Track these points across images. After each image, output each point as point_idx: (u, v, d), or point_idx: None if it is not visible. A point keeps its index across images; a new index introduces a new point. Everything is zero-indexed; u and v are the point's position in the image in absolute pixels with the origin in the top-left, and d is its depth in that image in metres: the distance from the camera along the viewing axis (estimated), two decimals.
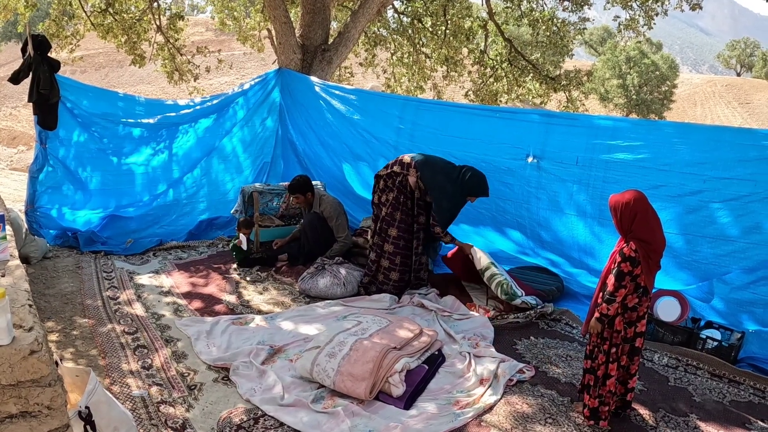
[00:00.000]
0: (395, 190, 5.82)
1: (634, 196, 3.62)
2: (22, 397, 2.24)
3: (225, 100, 8.04)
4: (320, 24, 9.07)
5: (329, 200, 6.81)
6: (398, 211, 5.82)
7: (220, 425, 3.64)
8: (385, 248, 5.92)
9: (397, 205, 5.82)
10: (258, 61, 46.06)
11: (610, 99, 46.69)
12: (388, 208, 5.86)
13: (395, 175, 5.85)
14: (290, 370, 4.30)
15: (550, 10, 13.08)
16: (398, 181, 5.81)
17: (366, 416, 3.77)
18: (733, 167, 5.00)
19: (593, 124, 5.80)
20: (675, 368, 4.77)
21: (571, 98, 14.05)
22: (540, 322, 5.54)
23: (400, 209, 5.82)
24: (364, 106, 7.42)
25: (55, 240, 6.98)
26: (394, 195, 5.83)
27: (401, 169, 5.81)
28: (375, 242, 6.01)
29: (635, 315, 3.70)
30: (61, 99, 6.73)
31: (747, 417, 4.09)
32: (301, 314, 5.43)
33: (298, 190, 6.78)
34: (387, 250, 5.91)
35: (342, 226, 6.75)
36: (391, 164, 5.93)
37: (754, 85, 59.22)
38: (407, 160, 5.81)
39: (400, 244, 5.87)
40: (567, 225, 6.05)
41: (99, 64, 46.55)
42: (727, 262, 5.19)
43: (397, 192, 5.81)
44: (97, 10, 12.39)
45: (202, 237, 7.71)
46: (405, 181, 5.78)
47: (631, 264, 3.56)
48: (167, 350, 4.59)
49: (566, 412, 4.00)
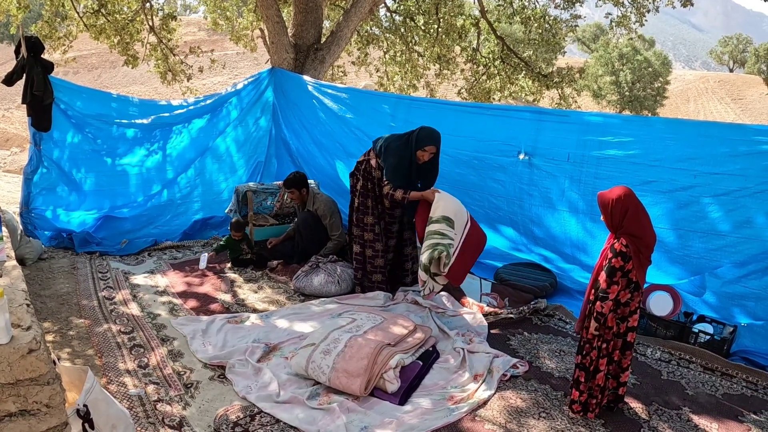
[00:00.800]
0: (361, 178, 5.88)
1: (623, 192, 3.65)
2: (21, 396, 2.26)
3: (218, 100, 8.05)
4: (313, 23, 9.09)
5: (323, 198, 6.84)
6: (368, 198, 5.87)
7: (217, 422, 3.66)
8: (365, 237, 5.94)
9: (366, 193, 5.86)
10: (251, 61, 46.09)
11: (603, 96, 46.82)
12: (359, 197, 5.92)
13: (359, 163, 5.93)
14: (286, 368, 4.32)
15: (542, 7, 13.13)
16: (363, 168, 5.88)
17: (361, 412, 3.80)
18: (723, 162, 5.04)
19: (584, 121, 5.83)
20: (668, 362, 4.81)
21: (563, 95, 14.10)
22: (533, 317, 5.58)
23: (369, 196, 5.86)
24: (356, 104, 7.45)
25: (50, 241, 6.99)
26: (361, 183, 5.89)
27: (364, 156, 5.90)
28: (356, 234, 6.03)
29: (627, 310, 3.73)
30: (54, 100, 6.73)
31: (739, 409, 4.13)
32: (296, 312, 5.46)
33: (294, 185, 6.78)
34: (367, 239, 5.94)
35: (336, 225, 6.77)
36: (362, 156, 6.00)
37: (747, 81, 59.48)
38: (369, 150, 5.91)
39: (376, 230, 5.90)
40: (559, 221, 6.09)
41: (92, 65, 46.49)
42: (718, 256, 5.24)
43: (363, 179, 5.87)
44: (89, 11, 12.41)
45: (196, 237, 7.73)
46: (368, 167, 5.84)
47: (622, 259, 3.59)
48: (163, 349, 4.61)
49: (560, 406, 4.04)
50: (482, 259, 6.81)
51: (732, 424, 3.95)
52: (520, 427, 3.80)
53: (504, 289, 6.09)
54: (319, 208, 6.76)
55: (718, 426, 3.92)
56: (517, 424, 3.82)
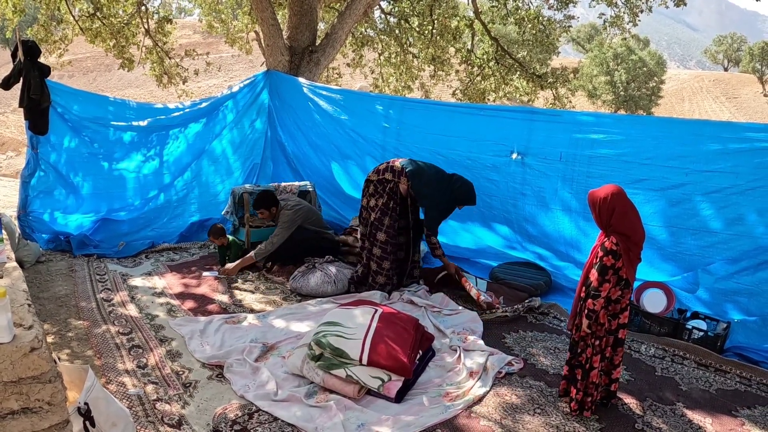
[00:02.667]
0: (385, 196, 5.88)
1: (611, 191, 3.70)
2: (23, 394, 2.29)
3: (214, 103, 8.08)
4: (307, 26, 9.13)
5: (286, 213, 6.69)
6: (387, 217, 5.88)
7: (216, 421, 3.70)
8: (374, 251, 5.99)
9: (386, 211, 5.88)
10: (246, 63, 46.13)
11: (598, 96, 46.90)
12: (377, 213, 5.92)
13: (386, 181, 5.89)
14: (283, 367, 4.36)
15: (536, 8, 13.19)
16: (389, 187, 5.87)
17: (358, 410, 3.85)
18: (715, 160, 5.11)
19: (576, 120, 5.90)
20: (662, 358, 4.86)
21: (558, 95, 14.16)
22: (528, 315, 5.63)
23: (389, 215, 5.88)
24: (350, 106, 7.50)
25: (47, 244, 7.00)
26: (384, 201, 5.88)
27: (393, 176, 5.87)
28: (365, 246, 6.07)
29: (618, 307, 3.79)
30: (51, 104, 6.76)
31: (733, 405, 4.19)
32: (292, 312, 5.50)
33: (263, 205, 6.72)
34: (375, 254, 5.98)
35: (279, 235, 6.60)
36: (382, 169, 5.95)
37: (742, 79, 59.66)
38: (398, 168, 5.86)
39: (387, 249, 5.93)
40: (553, 220, 6.15)
41: (87, 68, 46.49)
42: (710, 253, 5.30)
43: (387, 198, 5.87)
44: (85, 15, 12.42)
45: (193, 239, 7.75)
46: (396, 189, 5.85)
47: (613, 257, 3.64)
48: (162, 349, 4.65)
49: (554, 403, 4.09)
50: (478, 259, 6.89)
51: (726, 419, 4.00)
52: (515, 423, 3.85)
53: (499, 288, 6.14)
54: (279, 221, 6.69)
55: (712, 421, 3.97)
56: (512, 420, 3.87)
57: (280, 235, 6.59)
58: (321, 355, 4.12)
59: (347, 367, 4.02)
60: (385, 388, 3.99)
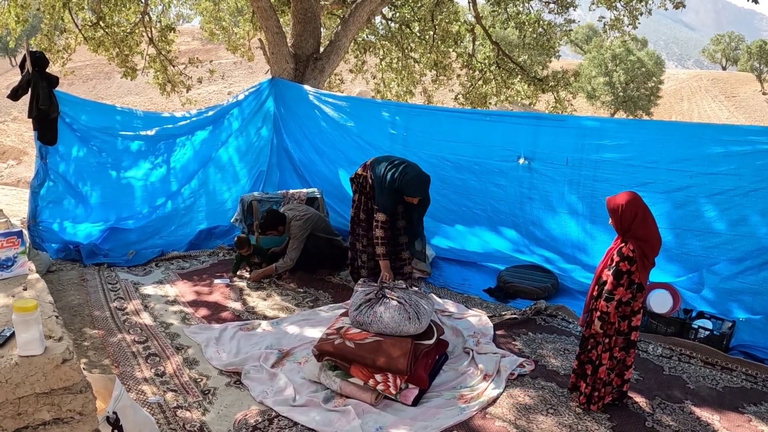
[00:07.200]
0: (358, 191, 6.11)
1: (633, 197, 3.79)
2: (55, 404, 2.34)
3: (220, 111, 8.14)
4: (311, 33, 9.20)
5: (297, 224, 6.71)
6: (360, 211, 6.10)
7: (237, 427, 3.78)
8: (357, 246, 6.24)
9: (360, 205, 6.09)
10: (246, 69, 46.19)
11: (597, 97, 46.94)
12: (354, 208, 6.18)
13: (358, 177, 6.10)
14: (299, 372, 4.43)
15: (536, 12, 13.25)
16: (359, 182, 6.07)
17: (376, 413, 3.93)
18: (718, 162, 5.18)
19: (581, 125, 5.97)
20: (669, 358, 4.93)
21: (559, 98, 14.22)
22: (537, 318, 5.70)
23: (361, 209, 6.09)
24: (357, 113, 7.57)
25: (57, 254, 7.04)
26: (357, 196, 6.13)
27: (363, 170, 6.06)
28: (350, 241, 6.34)
29: (629, 309, 3.86)
30: (60, 114, 6.82)
31: (740, 401, 4.28)
32: (305, 318, 5.56)
33: (270, 227, 6.72)
34: (358, 248, 6.23)
35: (295, 248, 6.65)
36: (362, 167, 6.13)
37: (740, 78, 59.68)
38: (368, 162, 6.06)
39: (364, 242, 6.16)
40: (560, 223, 6.22)
41: (86, 76, 46.50)
42: (715, 253, 5.38)
43: (359, 193, 6.09)
44: (88, 24, 12.48)
45: (202, 246, 7.78)
46: (365, 182, 6.01)
47: (629, 263, 3.73)
48: (178, 357, 4.71)
49: (566, 402, 4.17)
50: (485, 262, 6.96)
51: (733, 416, 4.09)
52: (529, 423, 3.92)
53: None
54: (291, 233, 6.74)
55: (720, 417, 4.05)
56: (526, 421, 3.95)
57: (297, 247, 6.66)
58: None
59: None
60: (402, 396, 4.07)
